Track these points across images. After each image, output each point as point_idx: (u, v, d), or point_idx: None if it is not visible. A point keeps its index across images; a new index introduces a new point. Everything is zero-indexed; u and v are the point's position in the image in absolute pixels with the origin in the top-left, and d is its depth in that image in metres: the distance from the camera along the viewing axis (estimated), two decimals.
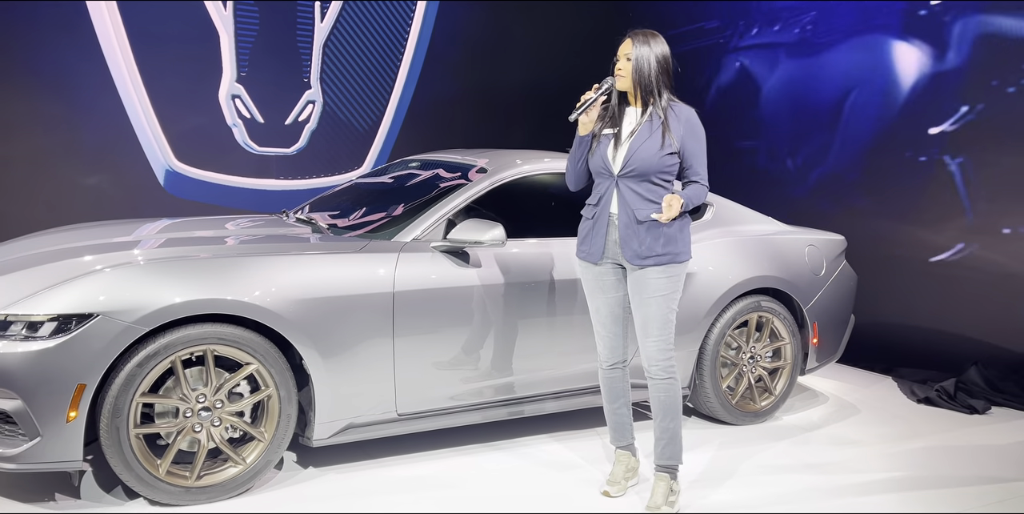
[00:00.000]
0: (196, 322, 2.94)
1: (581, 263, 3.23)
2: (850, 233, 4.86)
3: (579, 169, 3.21)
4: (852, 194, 5.61)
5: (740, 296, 4.05)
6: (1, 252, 3.41)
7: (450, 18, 6.70)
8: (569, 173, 3.25)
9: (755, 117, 6.19)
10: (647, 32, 3.10)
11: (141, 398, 2.87)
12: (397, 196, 3.92)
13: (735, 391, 4.10)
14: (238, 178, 6.03)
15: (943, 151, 5.08)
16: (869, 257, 5.26)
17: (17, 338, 2.76)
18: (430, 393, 3.42)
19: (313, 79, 6.20)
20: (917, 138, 5.21)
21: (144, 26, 5.55)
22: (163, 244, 3.44)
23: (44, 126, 5.35)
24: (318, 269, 3.20)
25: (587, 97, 3.08)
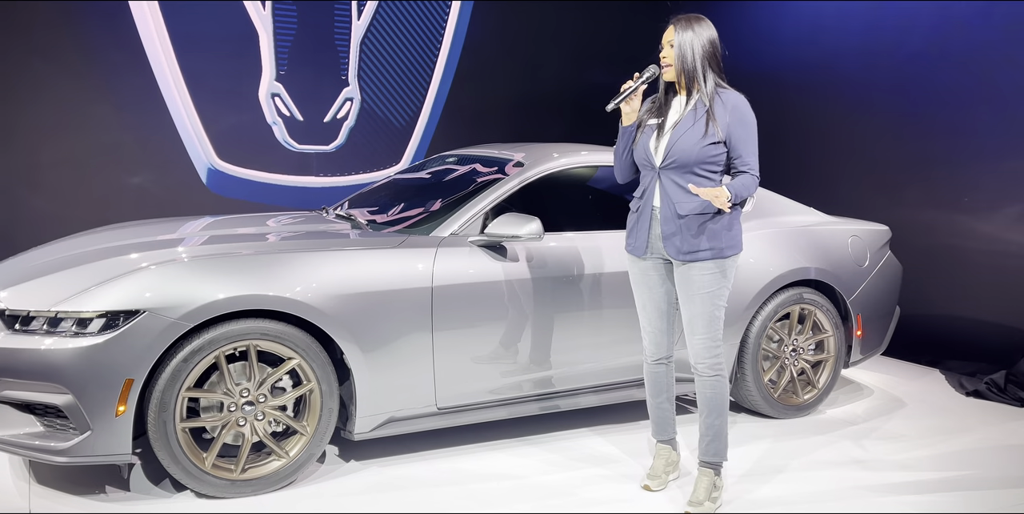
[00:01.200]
0: (239, 318, 2.99)
1: (628, 257, 3.20)
2: (895, 223, 4.77)
3: (625, 161, 3.16)
4: (898, 183, 5.50)
5: (782, 288, 4.00)
6: (50, 251, 3.49)
7: (486, 13, 6.70)
8: (616, 165, 3.21)
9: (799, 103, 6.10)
10: (691, 17, 2.99)
11: (187, 393, 2.93)
12: (435, 191, 3.94)
13: (777, 384, 4.06)
14: (279, 175, 6.11)
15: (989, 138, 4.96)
16: (915, 247, 5.16)
17: (67, 334, 2.82)
18: (470, 387, 3.43)
19: (351, 77, 6.24)
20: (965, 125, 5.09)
21: (185, 27, 5.63)
22: (206, 241, 3.50)
23: (90, 128, 5.47)
24: (358, 264, 3.22)
25: (627, 86, 3.01)
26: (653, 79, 3.06)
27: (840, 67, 5.83)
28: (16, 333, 2.86)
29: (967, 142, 5.09)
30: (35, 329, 2.85)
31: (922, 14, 5.29)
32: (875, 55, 5.58)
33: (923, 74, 5.31)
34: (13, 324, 2.89)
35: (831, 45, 5.87)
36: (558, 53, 7.10)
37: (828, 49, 5.89)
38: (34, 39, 5.23)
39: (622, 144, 3.14)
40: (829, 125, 5.94)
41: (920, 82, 5.33)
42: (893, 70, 5.48)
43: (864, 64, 5.66)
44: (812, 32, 6.03)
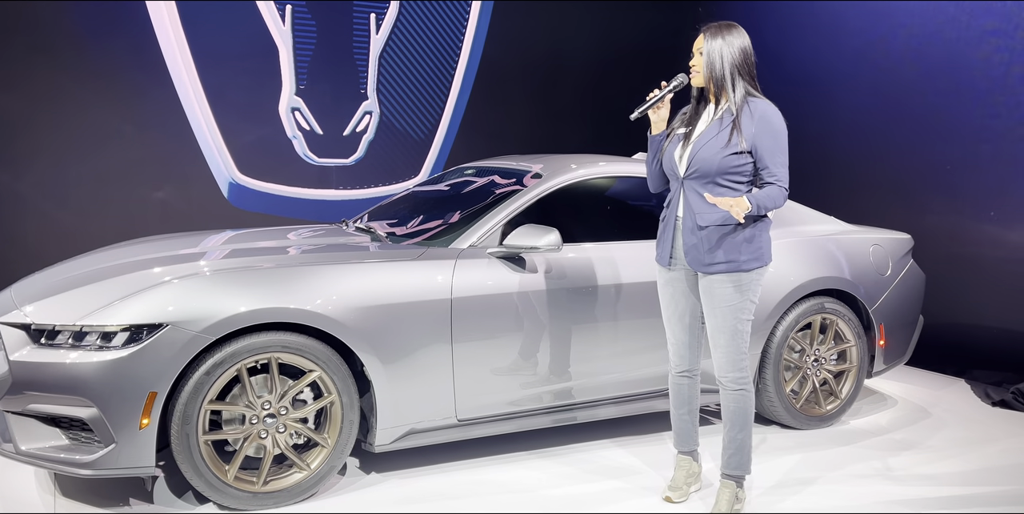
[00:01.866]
0: (261, 331, 3.01)
1: (657, 266, 3.20)
2: (918, 231, 4.73)
3: (654, 170, 3.15)
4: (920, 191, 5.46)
5: (803, 298, 3.97)
6: (75, 265, 3.54)
7: (504, 25, 6.74)
8: (647, 174, 3.20)
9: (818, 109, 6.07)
10: (722, 24, 2.95)
11: (209, 405, 2.95)
12: (454, 203, 3.96)
13: (799, 395, 4.02)
14: (299, 189, 6.16)
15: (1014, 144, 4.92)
16: (938, 255, 5.12)
17: (92, 348, 2.86)
18: (489, 399, 3.43)
19: (370, 90, 6.30)
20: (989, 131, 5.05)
21: (207, 44, 5.71)
22: (228, 255, 3.53)
23: (114, 144, 5.55)
24: (377, 277, 3.24)
25: (654, 95, 2.99)
26: (681, 88, 3.04)
27: (860, 73, 5.81)
28: (42, 347, 2.90)
29: (990, 148, 5.04)
30: (60, 343, 2.89)
31: (943, 19, 5.26)
32: (896, 61, 5.56)
33: (945, 79, 5.27)
34: (39, 338, 2.93)
35: (851, 51, 5.85)
36: (576, 64, 7.12)
37: (848, 55, 5.87)
38: (59, 58, 5.32)
39: (651, 153, 3.13)
40: (849, 132, 5.91)
41: (942, 88, 5.29)
42: (914, 76, 5.45)
43: (885, 69, 5.63)
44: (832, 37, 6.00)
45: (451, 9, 6.55)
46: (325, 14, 6.05)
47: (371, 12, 6.21)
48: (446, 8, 6.52)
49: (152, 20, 5.54)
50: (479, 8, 6.64)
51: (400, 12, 6.33)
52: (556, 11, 6.96)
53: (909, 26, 5.47)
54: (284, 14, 5.92)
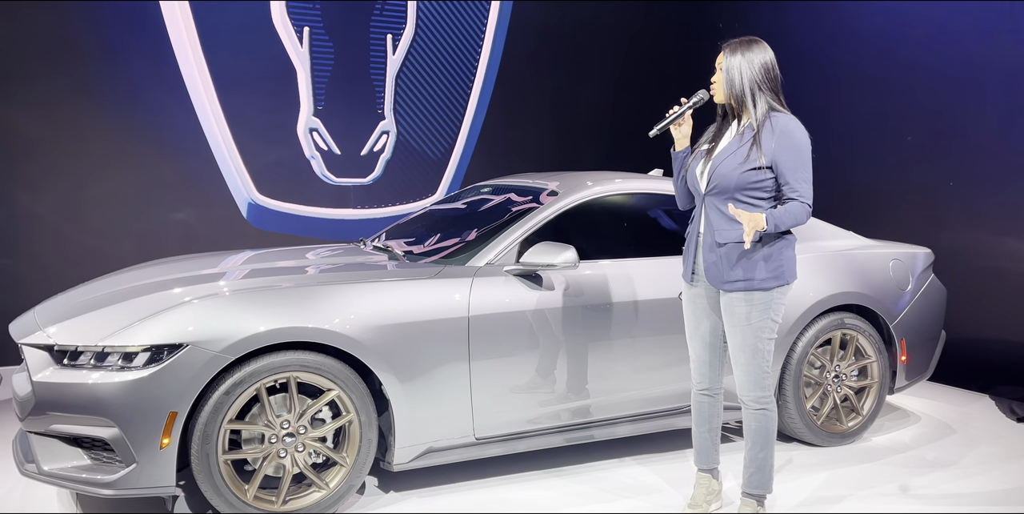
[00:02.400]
0: (279, 350, 3.03)
1: (682, 282, 3.19)
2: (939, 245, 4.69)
3: (681, 187, 3.15)
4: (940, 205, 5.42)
5: (822, 313, 3.95)
6: (97, 286, 3.58)
7: (520, 43, 6.78)
8: (675, 191, 3.20)
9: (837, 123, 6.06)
10: (742, 40, 2.94)
11: (229, 425, 2.96)
12: (470, 221, 3.97)
13: (820, 411, 3.99)
14: (317, 208, 6.21)
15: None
16: (960, 270, 5.07)
17: (113, 368, 2.88)
18: (507, 417, 3.43)
19: (387, 110, 6.35)
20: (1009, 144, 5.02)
21: (226, 66, 5.79)
22: (247, 275, 3.56)
23: (135, 166, 5.62)
24: (395, 295, 3.26)
25: (673, 111, 2.99)
26: (701, 104, 3.04)
27: (881, 87, 5.78)
28: (65, 368, 2.93)
29: (1011, 161, 5.00)
30: (83, 364, 2.92)
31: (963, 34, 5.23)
32: (917, 75, 5.53)
33: (966, 93, 5.24)
34: (62, 359, 2.95)
35: (872, 65, 5.83)
36: (591, 82, 7.15)
37: (869, 68, 5.85)
38: (81, 80, 5.41)
39: (676, 170, 3.14)
40: (869, 146, 5.89)
41: (963, 101, 5.27)
42: (935, 90, 5.42)
43: (905, 84, 5.60)
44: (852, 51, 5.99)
45: (466, 29, 6.60)
46: (342, 35, 6.12)
47: (387, 33, 6.28)
48: (462, 28, 6.58)
49: (172, 42, 5.62)
50: (495, 27, 6.69)
51: (416, 32, 6.39)
52: (571, 29, 7.00)
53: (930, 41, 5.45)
54: (302, 36, 5.99)
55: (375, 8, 6.21)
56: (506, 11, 6.72)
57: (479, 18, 6.64)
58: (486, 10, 6.66)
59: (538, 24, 6.86)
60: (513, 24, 6.75)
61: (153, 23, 5.56)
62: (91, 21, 5.40)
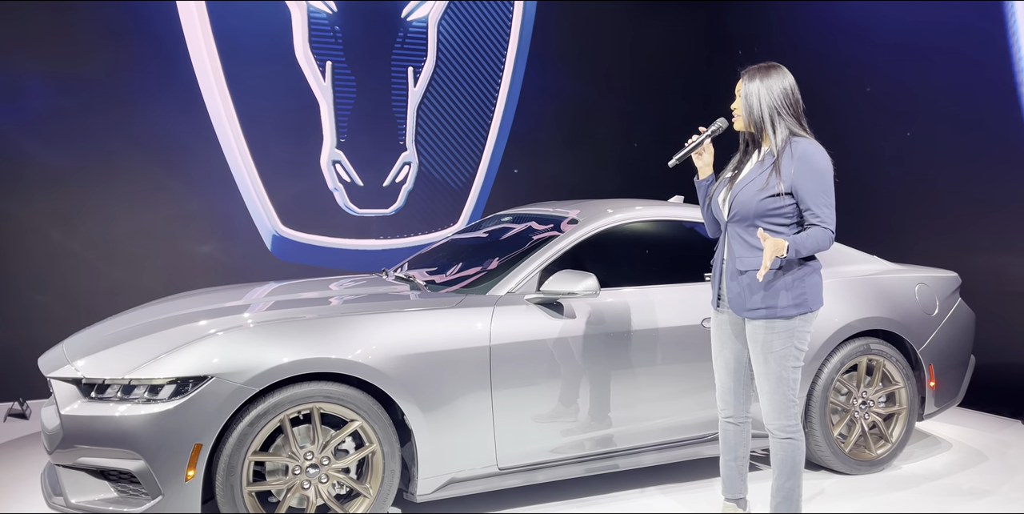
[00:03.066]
0: (303, 381, 3.05)
1: (710, 308, 3.18)
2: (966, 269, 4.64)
3: (707, 215, 3.15)
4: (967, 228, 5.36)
5: (847, 339, 3.91)
6: (124, 320, 3.63)
7: (539, 72, 6.85)
8: (704, 220, 3.21)
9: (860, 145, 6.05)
10: (761, 66, 2.94)
11: (253, 456, 2.98)
12: (491, 250, 3.99)
13: (848, 439, 3.93)
14: (340, 239, 6.27)
15: None
16: (988, 294, 5.00)
17: (140, 401, 2.92)
18: (530, 446, 3.41)
19: (408, 141, 6.42)
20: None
21: (251, 101, 5.90)
22: (271, 306, 3.59)
23: (162, 200, 5.72)
24: (417, 325, 3.27)
25: (692, 140, 3.00)
26: (721, 132, 3.04)
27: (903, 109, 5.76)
28: (92, 401, 2.97)
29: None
30: (110, 397, 2.96)
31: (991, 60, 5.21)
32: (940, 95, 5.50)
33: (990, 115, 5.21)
34: (90, 392, 2.99)
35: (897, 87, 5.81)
36: (612, 109, 7.20)
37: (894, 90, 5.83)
38: (111, 118, 5.53)
39: (701, 198, 3.15)
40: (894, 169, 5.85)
41: (987, 123, 5.23)
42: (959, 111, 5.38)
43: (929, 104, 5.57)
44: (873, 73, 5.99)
45: (486, 60, 6.69)
46: (364, 69, 6.22)
47: (408, 65, 6.38)
48: (481, 59, 6.67)
49: (198, 78, 5.74)
50: (514, 57, 6.77)
51: (437, 64, 6.48)
52: (591, 58, 7.07)
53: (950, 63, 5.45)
54: (324, 70, 6.10)
55: (396, 42, 6.31)
56: (525, 41, 6.80)
57: (499, 49, 6.73)
58: (506, 41, 6.75)
59: (558, 54, 6.93)
60: (533, 54, 6.83)
61: (181, 62, 5.69)
62: (122, 62, 5.53)
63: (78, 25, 5.40)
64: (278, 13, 5.95)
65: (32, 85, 5.32)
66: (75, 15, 5.38)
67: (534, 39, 6.82)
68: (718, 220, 3.08)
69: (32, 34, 5.28)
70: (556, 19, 6.89)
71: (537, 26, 6.82)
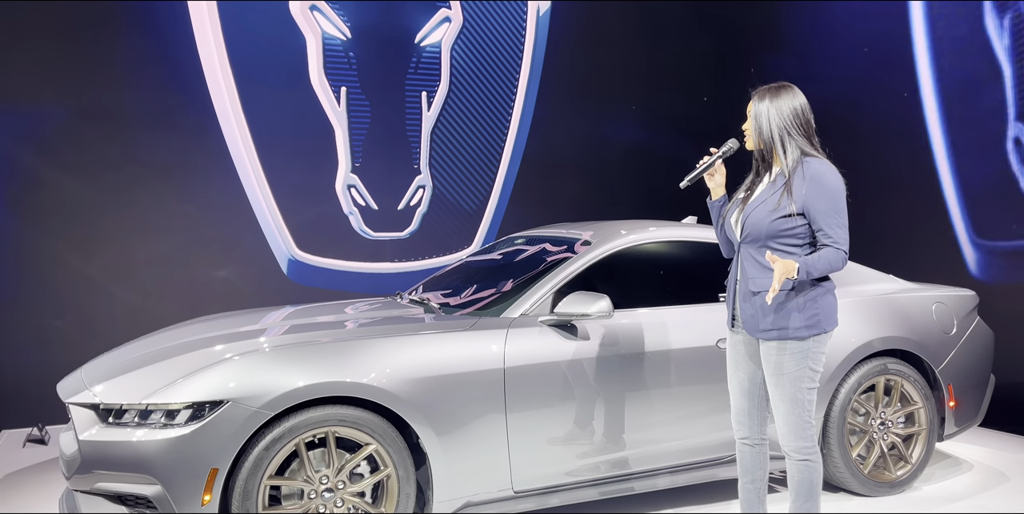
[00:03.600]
0: (318, 405, 3.06)
1: (725, 329, 3.17)
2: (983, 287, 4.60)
3: (721, 236, 3.16)
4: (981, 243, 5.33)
5: (864, 359, 3.89)
6: (141, 345, 3.66)
7: (552, 95, 6.90)
8: (718, 240, 3.21)
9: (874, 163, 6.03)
10: (772, 86, 2.94)
11: (268, 481, 2.98)
12: (505, 272, 4.01)
13: (866, 460, 3.89)
14: (355, 263, 6.30)
15: None
16: (1007, 312, 4.96)
17: (157, 426, 2.94)
18: (545, 469, 3.40)
19: (422, 165, 6.48)
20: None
21: (266, 126, 5.97)
22: (287, 331, 3.62)
23: (179, 226, 5.78)
24: (431, 348, 3.28)
25: (704, 161, 3.01)
26: (732, 153, 3.05)
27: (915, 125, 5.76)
28: (110, 426, 2.99)
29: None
30: (127, 422, 2.98)
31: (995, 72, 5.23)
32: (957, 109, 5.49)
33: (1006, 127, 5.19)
34: (107, 417, 3.02)
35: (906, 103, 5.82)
36: (624, 132, 7.23)
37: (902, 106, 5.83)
38: (128, 145, 5.61)
39: (714, 220, 3.16)
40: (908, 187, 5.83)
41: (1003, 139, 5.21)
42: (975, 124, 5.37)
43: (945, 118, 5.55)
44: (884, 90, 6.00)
45: (499, 83, 6.75)
46: (378, 94, 6.30)
47: (422, 90, 6.44)
48: (494, 82, 6.73)
49: (214, 104, 5.83)
50: (527, 81, 6.83)
51: (450, 89, 6.55)
52: (603, 80, 7.11)
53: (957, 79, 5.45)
54: (339, 96, 6.18)
55: (410, 67, 6.39)
56: (538, 64, 6.86)
57: (512, 72, 6.79)
58: (518, 64, 6.81)
59: (570, 76, 6.98)
60: (546, 76, 6.88)
61: (198, 88, 5.77)
62: (139, 89, 5.62)
63: (98, 53, 5.50)
64: (293, 40, 6.04)
65: (51, 112, 5.42)
66: (95, 43, 5.48)
67: (547, 60, 6.88)
68: (731, 240, 3.08)
69: (52, 61, 5.38)
70: (568, 40, 6.95)
71: (549, 49, 6.88)
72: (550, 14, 6.88)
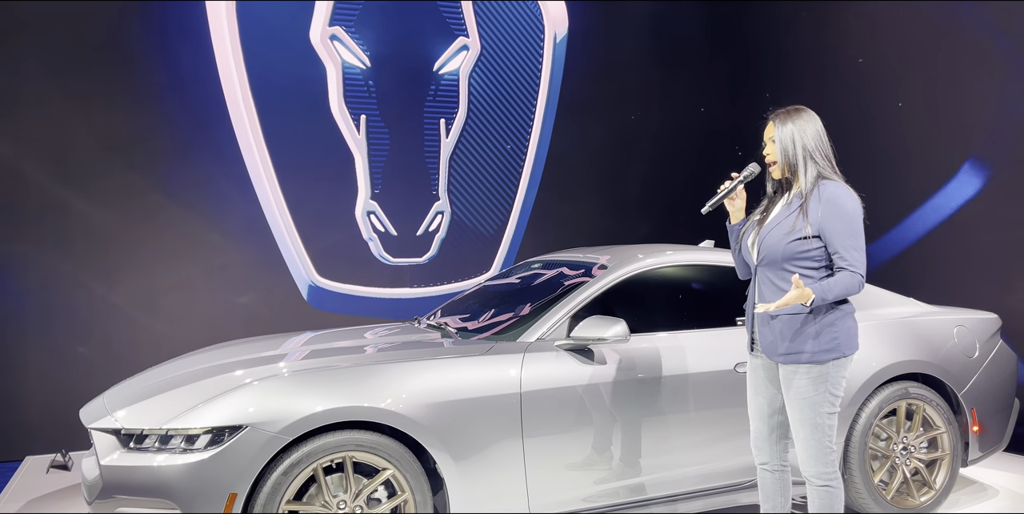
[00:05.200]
0: (335, 429, 3.07)
1: (745, 353, 3.17)
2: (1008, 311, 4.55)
3: (738, 259, 3.16)
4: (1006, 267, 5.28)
5: (885, 383, 3.85)
6: (163, 371, 3.70)
7: (569, 120, 6.96)
8: (735, 263, 3.21)
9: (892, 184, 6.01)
10: (791, 110, 2.94)
11: (287, 506, 2.99)
12: (522, 297, 4.02)
13: (889, 486, 3.84)
14: (375, 289, 6.35)
15: None
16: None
17: (177, 451, 2.96)
18: (563, 495, 3.38)
19: (441, 191, 6.53)
20: None
21: (287, 154, 6.06)
22: (306, 356, 3.65)
23: (201, 253, 5.86)
24: (448, 373, 3.29)
25: (725, 186, 3.00)
26: (753, 178, 3.04)
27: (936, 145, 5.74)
28: (131, 451, 3.02)
29: None
30: (148, 447, 3.01)
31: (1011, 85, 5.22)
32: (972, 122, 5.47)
33: None
34: (128, 442, 3.05)
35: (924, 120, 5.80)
36: (641, 156, 7.27)
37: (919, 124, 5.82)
38: (152, 173, 5.70)
39: (732, 242, 3.15)
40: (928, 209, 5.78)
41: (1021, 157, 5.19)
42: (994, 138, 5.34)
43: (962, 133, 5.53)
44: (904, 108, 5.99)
45: (517, 109, 6.82)
46: (397, 121, 6.38)
47: (440, 117, 6.52)
48: (512, 109, 6.80)
49: (236, 133, 5.92)
50: (544, 106, 6.89)
51: (468, 116, 6.62)
52: (620, 105, 7.17)
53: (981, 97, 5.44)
54: (359, 124, 6.26)
55: (428, 94, 6.47)
56: (555, 90, 6.93)
57: (529, 98, 6.86)
58: (535, 90, 6.88)
59: (587, 101, 7.04)
60: (563, 102, 6.95)
61: (220, 119, 5.88)
62: (162, 118, 5.73)
63: (123, 85, 5.61)
64: (314, 69, 6.14)
65: (77, 142, 5.53)
66: (120, 75, 5.60)
67: (564, 87, 6.95)
68: (748, 263, 3.08)
69: (78, 93, 5.50)
70: (585, 66, 7.03)
71: (566, 74, 6.95)
72: (567, 41, 6.96)
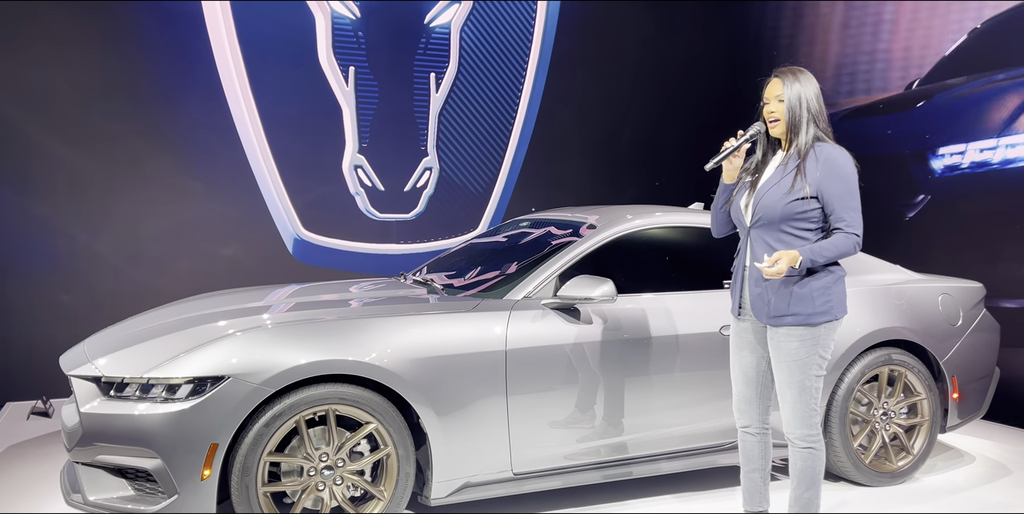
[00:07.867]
0: (318, 383, 3.06)
1: (730, 317, 3.16)
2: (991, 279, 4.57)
3: (719, 216, 3.13)
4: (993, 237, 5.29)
5: (869, 349, 3.87)
6: (145, 319, 3.66)
7: (561, 80, 6.87)
8: (712, 220, 3.18)
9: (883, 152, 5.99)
10: (795, 69, 2.91)
11: (268, 457, 2.99)
12: (510, 255, 4.00)
13: (868, 450, 3.88)
14: (361, 244, 6.30)
15: None
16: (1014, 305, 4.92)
17: (158, 400, 2.94)
18: (545, 452, 3.40)
19: (430, 147, 6.45)
20: None
21: (274, 105, 5.96)
22: (291, 308, 3.62)
23: (186, 203, 5.78)
24: (433, 329, 3.28)
25: (729, 144, 2.94)
26: (758, 137, 2.99)
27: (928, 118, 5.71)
28: (111, 399, 3.00)
29: None
30: (128, 395, 2.98)
31: None
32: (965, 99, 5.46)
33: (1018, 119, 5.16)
34: (109, 390, 3.02)
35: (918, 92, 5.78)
36: (633, 117, 7.19)
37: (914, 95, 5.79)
38: (136, 121, 5.61)
39: (720, 200, 3.10)
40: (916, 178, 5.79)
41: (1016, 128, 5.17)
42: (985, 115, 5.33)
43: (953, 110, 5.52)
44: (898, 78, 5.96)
45: (509, 65, 6.71)
46: (386, 74, 6.26)
47: (431, 71, 6.41)
48: (504, 64, 6.69)
49: (222, 82, 5.81)
50: (536, 63, 6.79)
51: (459, 71, 6.51)
52: (613, 64, 7.07)
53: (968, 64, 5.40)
54: (347, 75, 6.15)
55: (419, 47, 6.35)
56: (548, 46, 6.82)
57: (521, 54, 6.75)
58: (528, 46, 6.76)
59: (580, 59, 6.93)
60: (555, 59, 6.84)
61: (205, 67, 5.76)
62: (147, 65, 5.61)
63: (104, 28, 5.48)
64: (302, 18, 6.00)
65: (58, 88, 5.41)
66: (101, 18, 5.46)
67: (556, 44, 6.84)
68: (738, 225, 3.05)
69: (58, 37, 5.37)
70: (579, 23, 6.91)
71: (560, 31, 6.83)
72: None
